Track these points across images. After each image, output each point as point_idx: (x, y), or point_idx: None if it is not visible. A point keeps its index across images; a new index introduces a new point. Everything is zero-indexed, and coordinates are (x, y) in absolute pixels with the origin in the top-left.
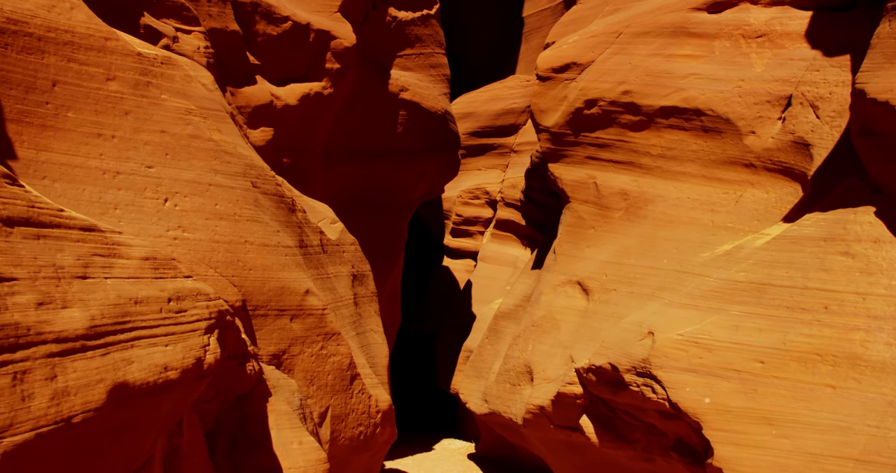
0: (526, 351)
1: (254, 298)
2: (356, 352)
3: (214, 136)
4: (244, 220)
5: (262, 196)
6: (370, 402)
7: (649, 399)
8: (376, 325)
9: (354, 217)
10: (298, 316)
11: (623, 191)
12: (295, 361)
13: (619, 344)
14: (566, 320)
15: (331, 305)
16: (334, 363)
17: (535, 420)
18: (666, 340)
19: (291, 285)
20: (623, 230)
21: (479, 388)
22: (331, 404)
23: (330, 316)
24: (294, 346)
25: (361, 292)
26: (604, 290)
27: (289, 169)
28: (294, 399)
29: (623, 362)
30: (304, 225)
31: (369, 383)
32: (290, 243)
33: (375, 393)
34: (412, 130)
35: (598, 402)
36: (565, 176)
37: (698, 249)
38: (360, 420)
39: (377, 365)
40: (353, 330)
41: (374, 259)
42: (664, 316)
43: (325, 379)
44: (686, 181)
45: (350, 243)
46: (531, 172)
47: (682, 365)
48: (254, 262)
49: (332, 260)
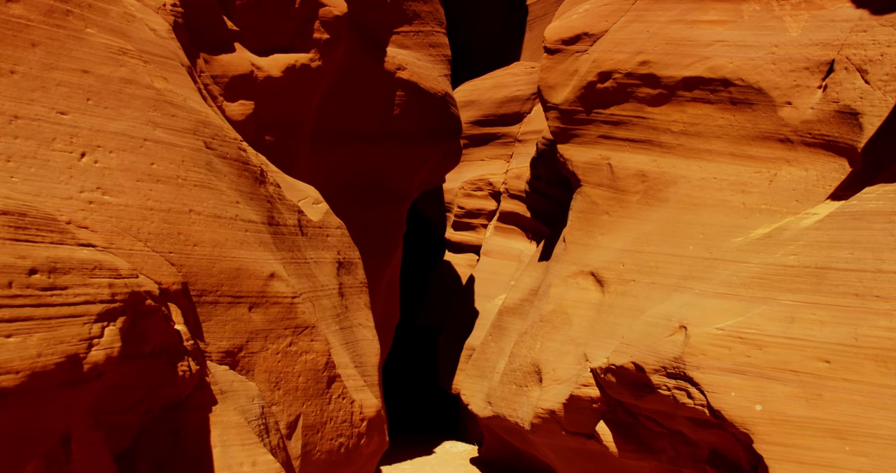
0: (534, 349)
1: (199, 281)
2: (338, 350)
3: (157, 84)
4: (190, 185)
5: (218, 159)
6: (353, 408)
7: (683, 405)
8: (366, 319)
9: (348, 206)
10: (260, 304)
11: (641, 173)
12: (255, 360)
13: (643, 341)
14: (578, 314)
15: (307, 294)
16: (307, 362)
17: (544, 425)
18: (703, 335)
19: (251, 266)
20: (641, 215)
21: (483, 389)
22: (303, 411)
23: (302, 307)
24: (254, 341)
25: (349, 282)
26: (621, 281)
27: (272, 148)
28: (252, 406)
29: (650, 361)
30: (276, 200)
31: (352, 385)
32: (253, 218)
33: (360, 398)
34: (410, 112)
35: (617, 407)
36: (576, 157)
37: (729, 234)
38: (341, 430)
39: (365, 364)
40: (337, 324)
41: (369, 251)
42: (697, 307)
43: (294, 382)
44: (712, 160)
45: (336, 227)
46: (537, 161)
47: (724, 365)
48: (201, 236)
49: (312, 243)
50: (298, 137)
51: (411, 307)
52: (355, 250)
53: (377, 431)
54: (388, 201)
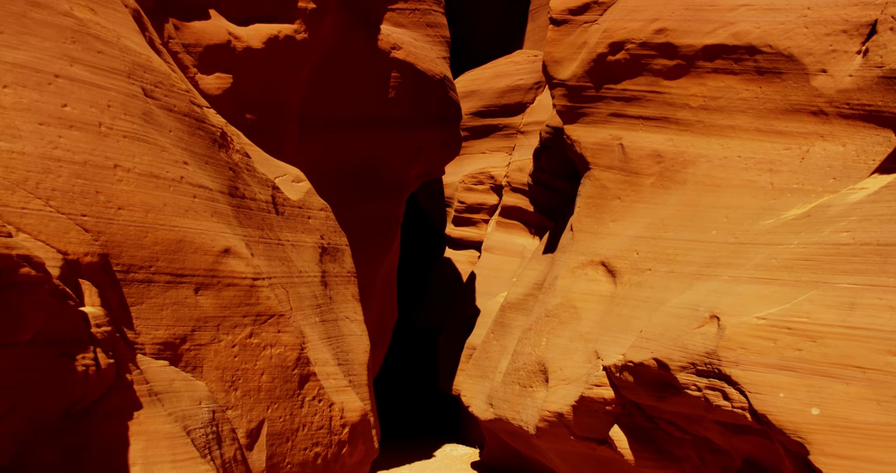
0: (539, 347)
1: (126, 253)
2: (316, 345)
3: (79, 13)
4: (118, 136)
5: (161, 111)
6: (332, 412)
7: (717, 408)
8: (353, 312)
9: (340, 196)
10: (210, 285)
11: (656, 153)
12: (204, 354)
13: (666, 335)
14: (588, 308)
15: (279, 279)
16: (272, 357)
17: (550, 429)
18: (741, 326)
19: (198, 239)
20: (656, 199)
21: (484, 390)
22: (267, 417)
23: (266, 291)
24: (202, 331)
25: (334, 270)
26: (635, 271)
27: (255, 129)
28: (198, 411)
29: (675, 357)
30: (242, 170)
31: (332, 385)
32: (206, 183)
33: (341, 400)
34: (406, 96)
35: (633, 409)
36: (584, 138)
37: (757, 217)
38: (317, 438)
39: (352, 361)
40: (317, 316)
41: (364, 245)
42: (730, 294)
43: (256, 381)
44: (735, 137)
45: (320, 208)
46: (540, 152)
47: (769, 361)
48: (129, 198)
49: (289, 224)
50: (284, 119)
51: (410, 306)
52: (342, 236)
53: (362, 438)
54: (383, 192)
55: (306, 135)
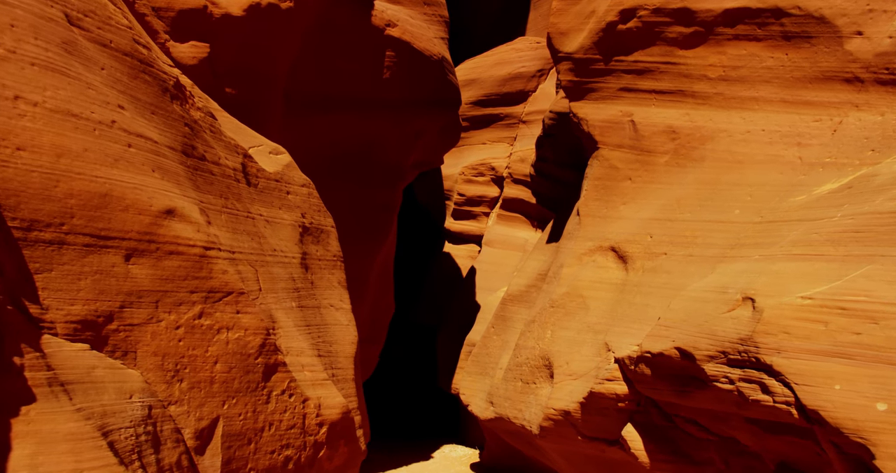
0: (543, 340)
1: (27, 205)
2: (290, 332)
3: None
4: (23, 62)
5: (91, 45)
6: (306, 409)
7: (755, 403)
8: (339, 300)
9: (331, 183)
10: (146, 252)
11: (670, 129)
12: (138, 336)
13: (690, 321)
14: (597, 297)
15: (245, 255)
16: (229, 343)
17: (556, 428)
18: (782, 307)
19: (131, 195)
20: (671, 178)
21: (484, 388)
22: (223, 414)
23: (223, 264)
24: (134, 308)
25: (317, 252)
26: (649, 255)
27: (235, 104)
28: (127, 407)
29: (702, 345)
30: (204, 130)
31: (307, 378)
32: (149, 134)
33: (318, 395)
34: (402, 77)
35: (649, 406)
36: (592, 115)
37: (785, 193)
38: (287, 439)
39: (336, 353)
40: (294, 301)
41: (357, 235)
42: (765, 273)
43: (207, 371)
44: (759, 109)
45: (301, 184)
46: (543, 140)
47: (819, 347)
48: (33, 138)
49: (263, 198)
50: (268, 95)
51: (409, 302)
52: (327, 216)
53: (345, 438)
54: (378, 179)
55: (293, 115)
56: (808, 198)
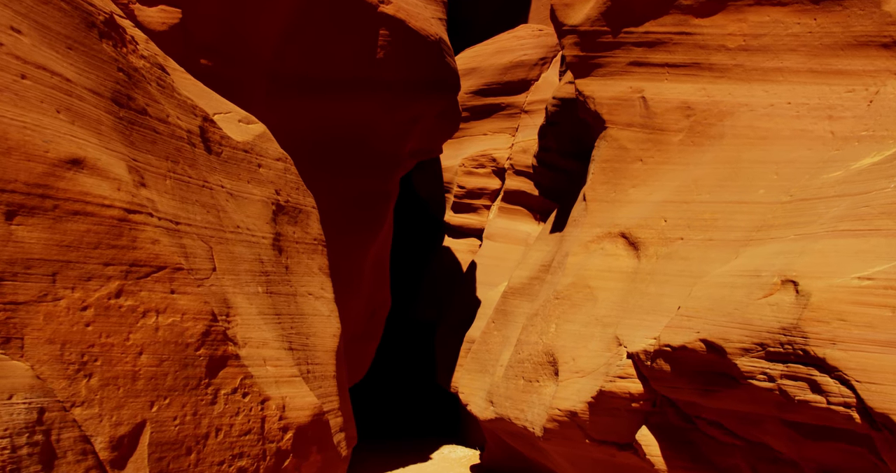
0: (546, 334)
1: None
2: (252, 321)
3: None
4: None
5: None
6: (266, 411)
7: (803, 404)
8: (320, 288)
9: (322, 168)
10: (37, 209)
11: (685, 105)
12: (27, 318)
13: (717, 309)
14: (606, 287)
15: (194, 227)
16: (159, 329)
17: (561, 430)
18: (836, 290)
19: (16, 134)
20: (686, 158)
21: (483, 386)
22: (151, 418)
23: (153, 233)
24: (17, 281)
25: (293, 234)
26: (663, 241)
27: (211, 77)
28: (3, 412)
29: (733, 336)
30: (147, 81)
31: (270, 375)
32: (58, 70)
33: (282, 395)
34: (397, 57)
35: (666, 406)
36: (600, 92)
37: (817, 170)
38: (240, 447)
39: (313, 347)
40: (261, 286)
41: (350, 222)
42: (807, 253)
43: (128, 364)
44: (784, 81)
45: (276, 158)
46: (546, 129)
47: (887, 337)
48: None
49: (227, 168)
50: (250, 71)
51: (408, 298)
52: (307, 195)
53: (318, 444)
54: (372, 167)
55: (279, 96)
56: (845, 173)
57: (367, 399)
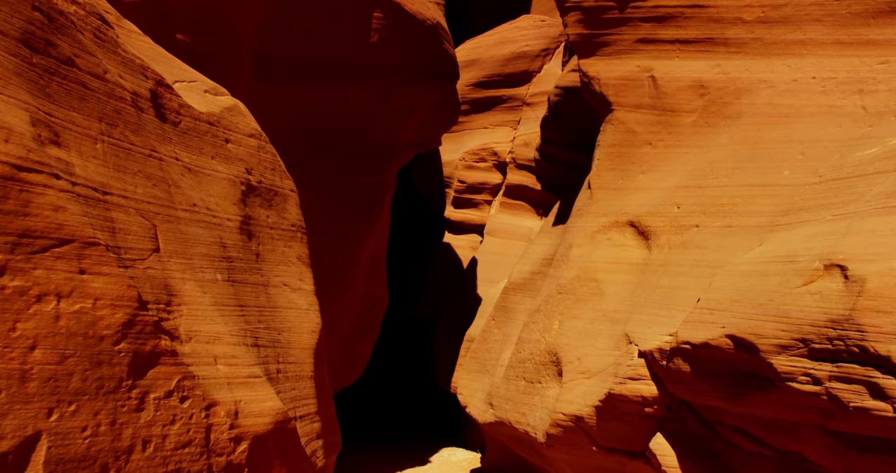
0: (549, 332)
1: None
2: (203, 312)
3: None
4: None
5: None
6: (212, 419)
7: (862, 412)
8: (297, 279)
9: (313, 157)
10: None
11: (698, 83)
12: None
13: (745, 300)
14: (613, 280)
15: (133, 200)
16: (59, 318)
17: (565, 437)
18: None
19: None
20: (700, 140)
21: (483, 387)
22: (47, 428)
23: (55, 198)
24: None
25: (267, 218)
26: (676, 229)
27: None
28: None
29: (767, 331)
30: (78, 30)
31: (220, 375)
32: None
33: (235, 398)
34: (392, 41)
35: (684, 411)
36: (605, 73)
37: (850, 148)
38: (178, 463)
39: (287, 343)
40: (219, 272)
41: (344, 214)
42: (856, 232)
43: (14, 361)
44: (807, 54)
45: (248, 134)
46: (549, 121)
47: None
48: None
49: (186, 140)
50: (232, 51)
51: (407, 295)
52: (285, 178)
53: (281, 456)
54: (367, 157)
55: (267, 81)
56: (883, 150)
57: (365, 399)
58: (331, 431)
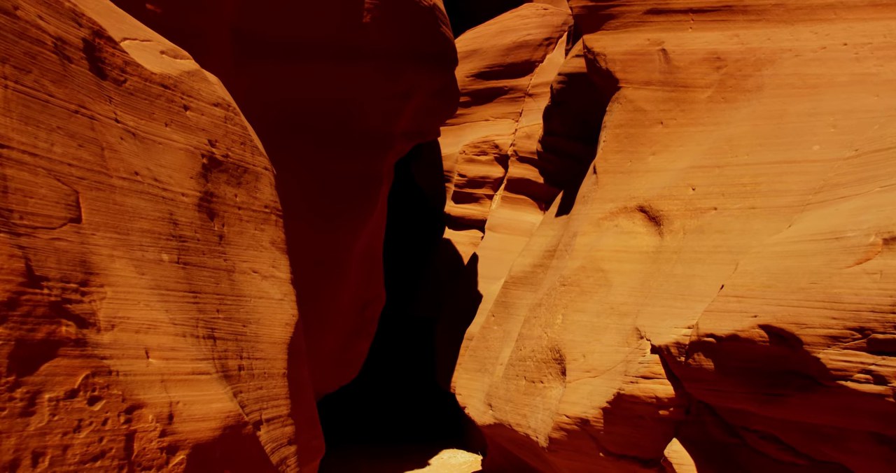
0: (552, 327)
1: None
2: (136, 295)
3: None
4: None
5: None
6: (136, 424)
7: None
8: (271, 267)
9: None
10: None
11: (713, 56)
12: None
13: (782, 284)
14: (622, 270)
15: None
16: None
17: (570, 441)
18: None
19: None
20: (717, 117)
21: (482, 387)
22: None
23: None
24: None
25: (234, 197)
26: (692, 212)
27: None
28: None
29: (813, 319)
30: None
31: (152, 371)
32: None
33: (169, 399)
34: (386, 22)
35: (704, 413)
36: (612, 47)
37: (889, 118)
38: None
39: (253, 337)
40: (167, 252)
41: (333, 206)
42: None
43: None
44: (837, 19)
45: (214, 103)
46: (552, 111)
47: None
48: None
49: (132, 102)
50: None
51: (407, 293)
52: (259, 155)
53: (235, 466)
54: (360, 147)
55: (248, 61)
56: None
57: (363, 400)
58: (311, 435)
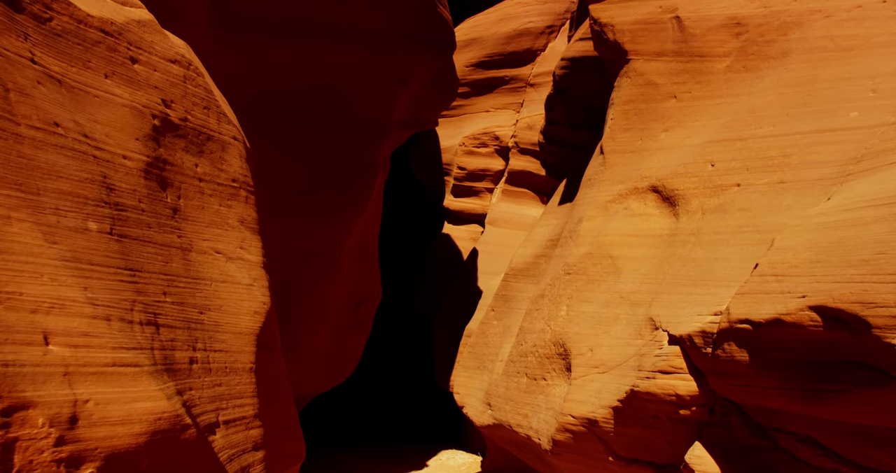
0: (555, 319)
1: None
2: (41, 268)
3: None
4: None
5: None
6: (19, 429)
7: None
8: (238, 248)
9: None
10: None
11: (733, 21)
12: None
13: (834, 259)
14: (633, 255)
15: None
16: None
17: (575, 444)
18: None
19: None
20: (735, 88)
21: (481, 385)
22: None
23: None
24: None
25: (195, 167)
26: (711, 190)
27: None
28: None
29: (881, 297)
30: None
31: (48, 362)
32: None
33: (73, 397)
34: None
35: (731, 413)
36: (620, 17)
37: None
38: None
39: (213, 326)
40: (94, 221)
41: (324, 195)
42: None
43: None
44: None
45: (170, 59)
46: (554, 99)
47: None
48: None
49: (57, 43)
50: None
51: (404, 289)
52: (226, 122)
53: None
54: (353, 133)
55: (228, 38)
56: None
57: (359, 399)
58: (287, 439)
